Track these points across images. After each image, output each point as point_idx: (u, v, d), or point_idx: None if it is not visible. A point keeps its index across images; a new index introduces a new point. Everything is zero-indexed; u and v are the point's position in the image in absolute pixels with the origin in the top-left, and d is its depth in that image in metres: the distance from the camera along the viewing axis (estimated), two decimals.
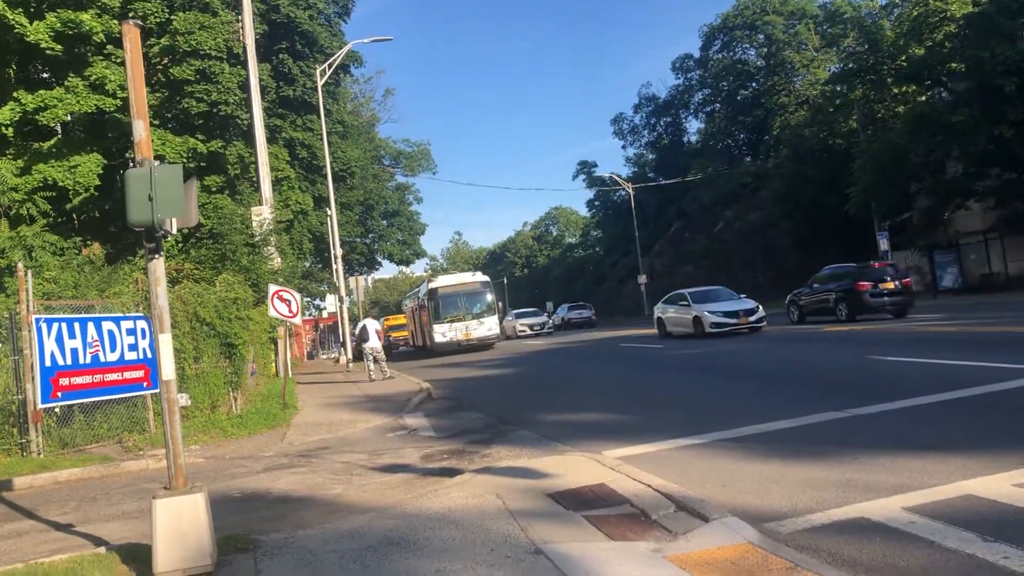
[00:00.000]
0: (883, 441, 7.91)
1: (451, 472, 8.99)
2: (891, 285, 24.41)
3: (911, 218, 40.18)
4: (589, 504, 6.82)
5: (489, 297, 36.40)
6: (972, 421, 8.47)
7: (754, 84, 66.44)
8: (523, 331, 51.12)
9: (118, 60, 22.77)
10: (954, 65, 34.86)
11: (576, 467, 8.18)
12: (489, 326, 35.46)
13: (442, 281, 37.68)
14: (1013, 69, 29.63)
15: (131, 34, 6.28)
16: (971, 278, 35.57)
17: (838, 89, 46.09)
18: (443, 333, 34.88)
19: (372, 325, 25.18)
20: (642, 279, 62.14)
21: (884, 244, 38.09)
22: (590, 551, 5.58)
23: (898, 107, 42.34)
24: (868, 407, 9.70)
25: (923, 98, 40.17)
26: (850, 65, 42.47)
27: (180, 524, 5.75)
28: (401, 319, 51.68)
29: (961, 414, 8.87)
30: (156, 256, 6.14)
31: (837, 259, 45.23)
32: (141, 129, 6.14)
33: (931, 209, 37.77)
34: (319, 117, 32.89)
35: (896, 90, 41.88)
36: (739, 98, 67.20)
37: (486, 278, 37.73)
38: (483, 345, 35.52)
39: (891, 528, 5.46)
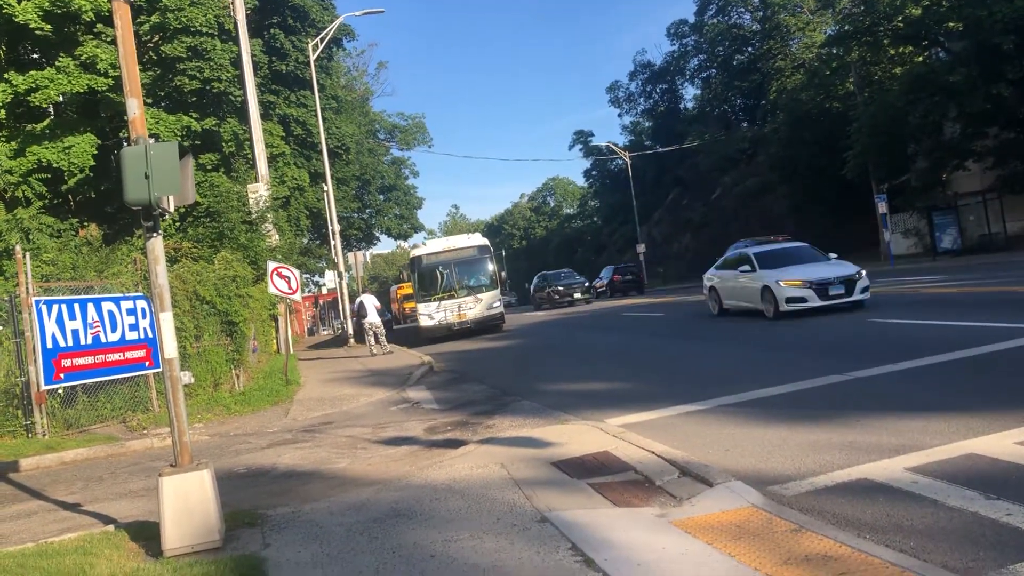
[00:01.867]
0: (885, 403, 7.94)
1: (455, 443, 9.04)
2: None
3: (909, 180, 40.01)
4: (593, 472, 6.86)
5: (489, 265, 28.01)
6: (973, 381, 8.49)
7: (750, 49, 65.81)
8: (563, 297, 42.22)
9: (108, 39, 22.58)
10: (951, 24, 34.55)
11: (579, 435, 8.22)
12: (489, 303, 27.28)
13: (428, 248, 29.20)
14: (1011, 27, 29.35)
15: (121, 11, 6.21)
16: (970, 239, 35.44)
17: (834, 52, 45.67)
18: (430, 315, 26.98)
19: (370, 300, 25.20)
20: (641, 248, 62.02)
21: (883, 207, 37.94)
22: (595, 518, 5.62)
23: (895, 69, 42.02)
24: (870, 370, 9.73)
25: (920, 59, 39.87)
26: (846, 27, 42.03)
27: (187, 501, 5.79)
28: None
29: (962, 374, 8.89)
30: (154, 235, 6.13)
31: (835, 224, 45.38)
32: (135, 107, 6.10)
33: (929, 170, 37.60)
34: (312, 92, 32.65)
35: (893, 51, 41.54)
36: (735, 63, 66.58)
37: (484, 241, 29.04)
38: (482, 328, 27.59)
39: (894, 488, 5.49)
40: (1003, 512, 4.78)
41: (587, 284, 45.38)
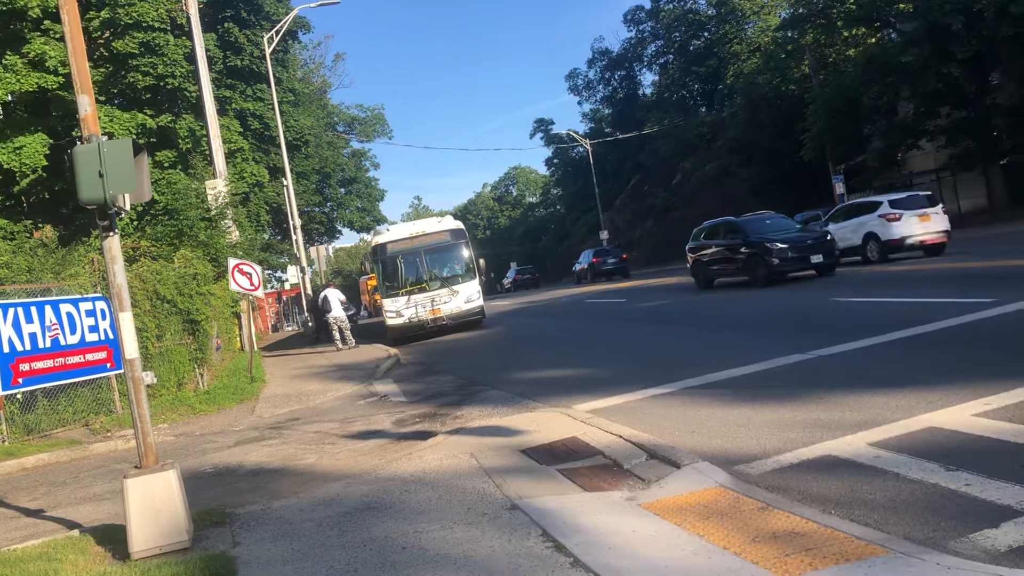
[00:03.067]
0: (847, 380, 8.06)
1: (424, 435, 9.02)
2: None
3: (865, 160, 40.58)
4: (562, 458, 6.89)
5: (464, 252, 24.21)
6: (931, 356, 8.65)
7: (706, 33, 66.15)
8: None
9: (57, 35, 22.10)
10: (902, 5, 35.03)
11: (548, 422, 8.25)
12: (468, 295, 23.56)
13: (393, 234, 24.93)
14: (959, 7, 29.83)
15: (69, 7, 6.09)
16: None
17: (789, 35, 46.16)
18: (398, 312, 23.15)
19: (335, 295, 25.04)
20: (604, 235, 62.30)
21: (840, 187, 38.51)
22: (565, 503, 5.65)
23: (849, 51, 42.52)
24: (831, 348, 9.87)
25: (873, 40, 40.38)
26: (800, 10, 42.48)
27: (153, 502, 5.72)
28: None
29: (920, 350, 9.06)
30: (111, 234, 6.03)
31: (795, 205, 45.94)
32: (86, 104, 5.99)
33: (884, 150, 38.17)
34: (269, 86, 32.27)
35: (846, 33, 42.01)
36: (692, 48, 66.92)
37: (457, 224, 25.02)
38: (460, 325, 23.86)
39: (858, 464, 5.59)
40: (962, 483, 4.89)
41: None
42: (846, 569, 3.92)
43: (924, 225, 21.81)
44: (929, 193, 24.54)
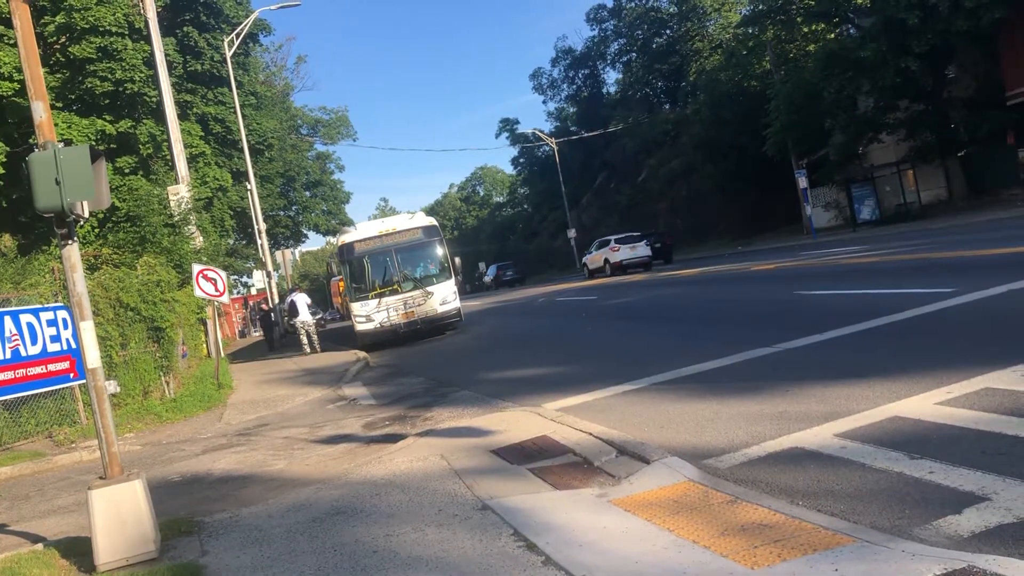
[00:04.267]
0: (813, 372, 8.15)
1: (394, 438, 8.99)
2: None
3: (827, 154, 41.12)
4: (533, 457, 6.90)
5: (438, 250, 22.88)
6: (894, 346, 8.77)
7: (668, 31, 66.60)
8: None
9: (10, 41, 21.67)
10: (860, 1, 35.55)
11: (518, 422, 8.25)
12: (443, 296, 22.03)
13: (360, 232, 23.23)
14: (915, 2, 30.30)
15: (21, 11, 5.99)
16: (887, 209, 36.61)
17: (750, 31, 46.69)
18: (368, 316, 21.59)
19: (302, 299, 24.86)
20: (572, 233, 62.47)
21: (803, 181, 38.93)
22: (537, 502, 5.66)
23: (809, 46, 43.07)
24: (796, 341, 9.97)
25: (832, 36, 40.91)
26: (760, 7, 42.97)
27: (119, 513, 5.64)
28: None
29: (884, 341, 9.17)
30: (70, 242, 5.94)
31: (759, 199, 46.50)
32: (41, 110, 5.90)
33: (846, 144, 38.71)
34: (230, 89, 31.92)
35: (806, 29, 42.57)
36: (655, 46, 67.31)
37: (430, 220, 23.75)
38: (435, 329, 22.54)
39: (824, 455, 5.65)
40: (926, 471, 4.96)
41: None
42: (814, 559, 3.96)
43: (634, 252, 38.51)
44: (638, 234, 40.82)
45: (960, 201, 34.03)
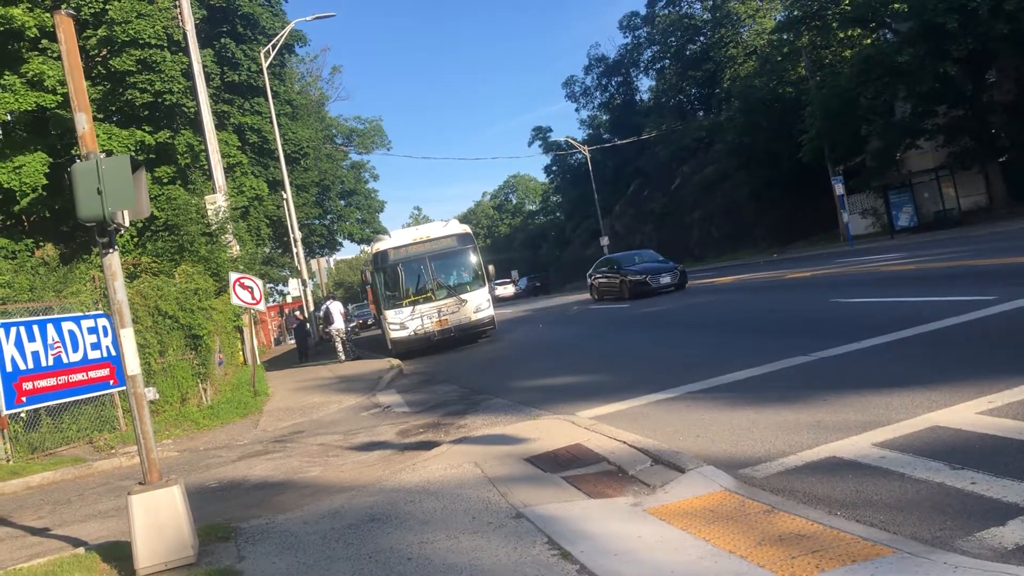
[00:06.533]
0: (850, 381, 8.05)
1: (428, 445, 9.01)
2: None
3: (864, 161, 40.60)
4: (567, 465, 6.88)
5: (472, 258, 22.66)
6: (933, 355, 8.63)
7: (702, 38, 66.37)
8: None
9: (55, 55, 22.18)
10: (897, 5, 35.10)
11: (551, 430, 8.23)
12: (477, 304, 21.87)
13: (394, 240, 22.86)
14: (955, 6, 29.85)
15: (64, 24, 6.11)
16: (926, 216, 36.10)
17: (784, 37, 46.25)
18: (402, 323, 21.46)
19: (336, 307, 25.09)
20: (604, 241, 62.28)
21: (839, 188, 38.47)
22: (571, 510, 5.64)
23: (844, 51, 42.61)
24: (833, 349, 9.85)
25: (868, 41, 40.44)
26: (795, 12, 42.57)
27: (158, 518, 5.71)
28: None
29: (922, 349, 9.04)
30: (111, 251, 6.03)
31: (794, 207, 46.02)
32: (84, 122, 6.01)
33: (883, 150, 38.17)
34: (267, 100, 32.36)
35: (842, 34, 42.12)
36: (688, 53, 67.11)
37: (464, 228, 23.34)
38: (469, 336, 22.43)
39: (862, 464, 5.57)
40: (968, 481, 4.87)
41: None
42: (853, 570, 3.90)
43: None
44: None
45: (1001, 208, 33.41)
